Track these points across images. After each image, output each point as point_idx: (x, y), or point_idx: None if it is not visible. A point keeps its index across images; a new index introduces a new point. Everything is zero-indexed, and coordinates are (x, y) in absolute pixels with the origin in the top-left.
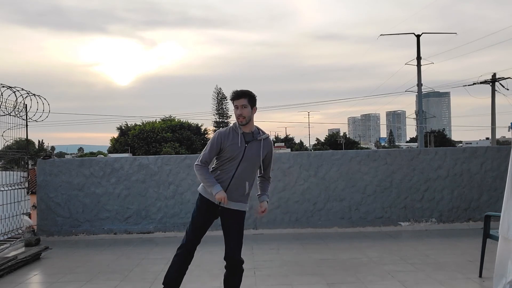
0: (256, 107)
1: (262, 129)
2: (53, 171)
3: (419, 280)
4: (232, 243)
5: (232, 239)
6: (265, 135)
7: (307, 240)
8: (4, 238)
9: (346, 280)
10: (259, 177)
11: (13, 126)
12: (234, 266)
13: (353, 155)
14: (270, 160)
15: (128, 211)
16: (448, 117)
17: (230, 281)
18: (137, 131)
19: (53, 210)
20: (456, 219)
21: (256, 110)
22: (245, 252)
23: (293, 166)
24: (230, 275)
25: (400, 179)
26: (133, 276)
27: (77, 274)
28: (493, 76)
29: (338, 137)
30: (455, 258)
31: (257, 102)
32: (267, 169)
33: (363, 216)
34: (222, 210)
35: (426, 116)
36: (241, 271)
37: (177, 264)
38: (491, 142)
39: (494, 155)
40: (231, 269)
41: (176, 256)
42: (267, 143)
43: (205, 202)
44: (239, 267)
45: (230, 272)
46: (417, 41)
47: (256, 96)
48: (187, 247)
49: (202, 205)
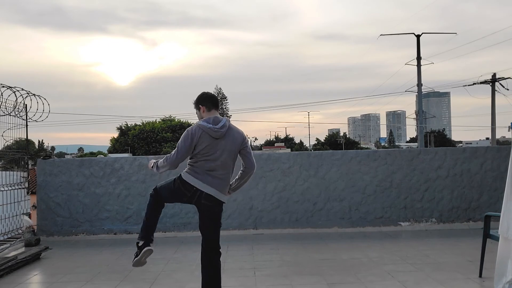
0: (201, 106)
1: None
2: (53, 171)
3: (419, 280)
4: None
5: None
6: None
7: (307, 240)
8: (4, 238)
9: (346, 280)
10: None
11: (13, 126)
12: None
13: (353, 155)
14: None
15: (128, 211)
16: (448, 117)
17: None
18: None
19: (53, 210)
20: (456, 219)
21: (203, 109)
22: (245, 252)
23: (293, 166)
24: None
25: (400, 179)
26: (133, 276)
27: (77, 274)
28: (493, 76)
29: (338, 137)
30: (455, 258)
31: (205, 101)
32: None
33: (363, 216)
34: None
35: (426, 116)
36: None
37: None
38: (491, 142)
39: (494, 155)
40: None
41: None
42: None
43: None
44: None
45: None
46: (417, 41)
47: (195, 99)
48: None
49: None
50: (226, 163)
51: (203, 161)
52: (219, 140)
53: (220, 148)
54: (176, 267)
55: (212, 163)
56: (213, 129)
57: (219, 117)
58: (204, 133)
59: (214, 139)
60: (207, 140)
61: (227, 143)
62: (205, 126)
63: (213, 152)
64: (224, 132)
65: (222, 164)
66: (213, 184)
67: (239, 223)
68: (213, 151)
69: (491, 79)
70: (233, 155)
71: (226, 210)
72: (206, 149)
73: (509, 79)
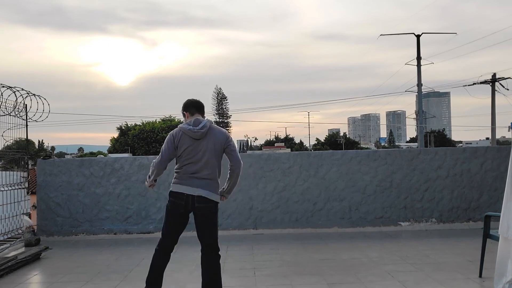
0: (185, 112)
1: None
2: (53, 171)
3: (419, 280)
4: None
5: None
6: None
7: (307, 240)
8: (4, 238)
9: (346, 280)
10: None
11: (13, 126)
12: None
13: (353, 155)
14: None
15: (128, 211)
16: (448, 117)
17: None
18: (137, 131)
19: (53, 210)
20: (456, 219)
21: (187, 114)
22: (245, 252)
23: (293, 166)
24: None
25: (400, 179)
26: (133, 276)
27: (77, 274)
28: (493, 76)
29: (338, 137)
30: (455, 258)
31: (188, 108)
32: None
33: (363, 216)
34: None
35: (426, 116)
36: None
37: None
38: (491, 142)
39: (494, 155)
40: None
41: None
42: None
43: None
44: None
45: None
46: (417, 41)
47: (182, 106)
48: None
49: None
50: (210, 163)
51: (187, 165)
52: (200, 141)
53: (201, 149)
54: (176, 267)
55: (195, 166)
56: (193, 130)
57: (199, 119)
58: (184, 135)
59: (195, 140)
60: (187, 142)
61: (208, 143)
62: (185, 128)
63: (195, 153)
64: (204, 133)
65: (206, 165)
66: (202, 186)
67: (239, 223)
68: (194, 152)
69: (491, 79)
70: (216, 154)
71: (226, 210)
72: (188, 150)
73: (509, 79)
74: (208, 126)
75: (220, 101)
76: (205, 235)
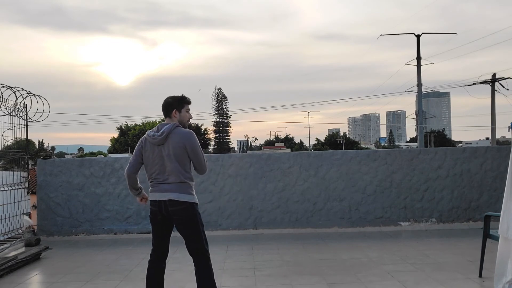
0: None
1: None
2: (53, 171)
3: (419, 280)
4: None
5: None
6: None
7: (307, 240)
8: (4, 238)
9: (346, 280)
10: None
11: (13, 126)
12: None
13: (353, 155)
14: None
15: (128, 211)
16: (448, 117)
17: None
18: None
19: (53, 210)
20: (456, 219)
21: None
22: (245, 252)
23: (293, 166)
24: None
25: (400, 179)
26: (133, 276)
27: (77, 274)
28: (493, 76)
29: (338, 137)
30: (455, 258)
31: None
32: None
33: (363, 216)
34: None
35: (426, 116)
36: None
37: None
38: (491, 142)
39: (494, 155)
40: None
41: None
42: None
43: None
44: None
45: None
46: (417, 41)
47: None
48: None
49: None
50: (172, 168)
51: (153, 173)
52: (160, 147)
53: (161, 155)
54: (176, 267)
55: (161, 175)
56: (152, 136)
57: (164, 124)
58: (147, 141)
59: (155, 146)
60: (150, 148)
61: (166, 148)
62: (148, 134)
63: (158, 160)
64: (162, 139)
65: (169, 170)
66: (171, 189)
67: (239, 223)
68: (157, 159)
69: (491, 79)
70: (178, 160)
71: (226, 210)
72: (150, 157)
73: (509, 79)
74: (168, 131)
75: (220, 101)
76: (190, 239)
